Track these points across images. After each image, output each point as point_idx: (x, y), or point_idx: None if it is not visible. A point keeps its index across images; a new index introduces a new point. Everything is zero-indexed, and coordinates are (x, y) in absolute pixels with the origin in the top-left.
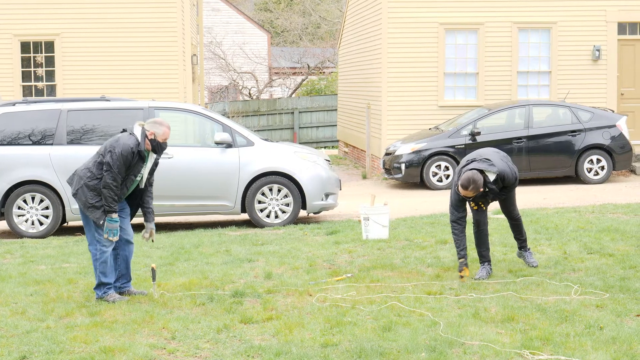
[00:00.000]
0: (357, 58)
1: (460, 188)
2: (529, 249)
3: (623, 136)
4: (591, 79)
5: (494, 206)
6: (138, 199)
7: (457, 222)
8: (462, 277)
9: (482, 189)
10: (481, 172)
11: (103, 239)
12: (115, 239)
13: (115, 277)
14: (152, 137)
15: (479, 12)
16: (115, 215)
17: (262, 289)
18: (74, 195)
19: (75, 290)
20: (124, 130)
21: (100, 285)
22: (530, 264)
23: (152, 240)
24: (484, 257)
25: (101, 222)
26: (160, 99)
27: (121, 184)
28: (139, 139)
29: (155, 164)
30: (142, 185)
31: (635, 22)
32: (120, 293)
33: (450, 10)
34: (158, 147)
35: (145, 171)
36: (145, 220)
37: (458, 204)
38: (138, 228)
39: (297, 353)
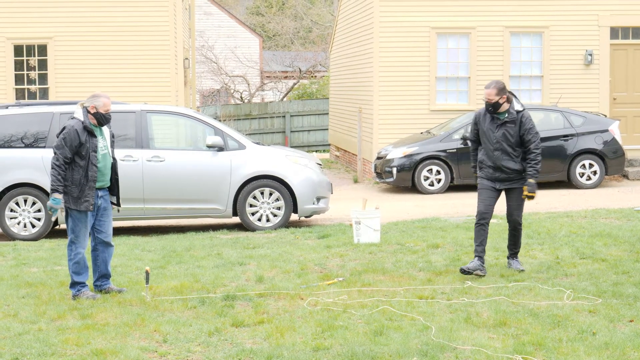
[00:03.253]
0: (349, 62)
1: (485, 89)
2: (517, 258)
3: (615, 141)
4: (583, 83)
5: None
6: (114, 173)
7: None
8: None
9: (504, 97)
10: (512, 94)
11: (77, 240)
12: (54, 218)
13: (95, 277)
14: (94, 110)
15: (470, 17)
16: (57, 196)
17: (254, 292)
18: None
19: (67, 292)
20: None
21: (74, 284)
22: (517, 268)
23: (118, 210)
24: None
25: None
26: (152, 102)
27: (87, 164)
28: (81, 117)
29: (112, 136)
30: (112, 158)
31: (628, 26)
32: (101, 291)
33: (442, 15)
34: (102, 119)
35: (107, 144)
36: (119, 189)
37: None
38: (129, 232)
39: (288, 357)
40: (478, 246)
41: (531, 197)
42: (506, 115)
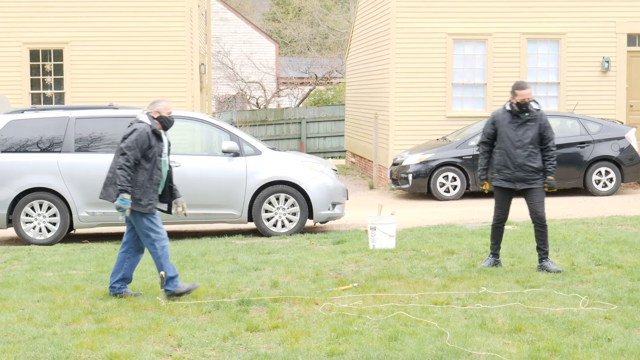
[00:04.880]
0: (365, 68)
1: (515, 89)
2: (549, 259)
3: (632, 148)
4: (600, 90)
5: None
6: (168, 180)
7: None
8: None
9: (529, 99)
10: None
11: (158, 236)
12: (122, 218)
13: (115, 279)
14: (157, 115)
15: (487, 23)
16: (126, 196)
17: (269, 297)
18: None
19: (82, 297)
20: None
21: (169, 280)
22: (555, 270)
23: (185, 214)
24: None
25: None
26: None
27: (153, 167)
28: (149, 122)
29: (169, 144)
30: (168, 166)
31: None
32: (116, 295)
33: (459, 21)
34: (167, 122)
35: (166, 151)
36: (175, 196)
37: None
38: None
39: None
40: (494, 244)
41: (552, 191)
42: (527, 114)
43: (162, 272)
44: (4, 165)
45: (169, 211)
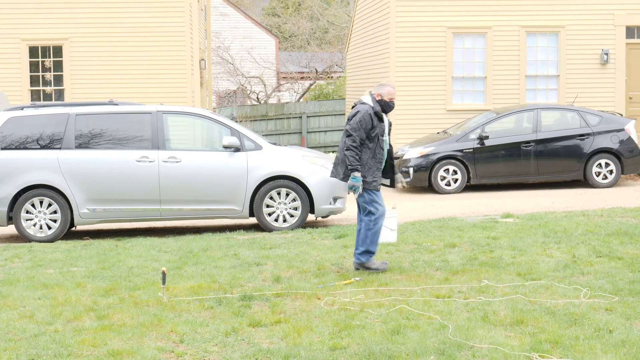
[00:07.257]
0: (365, 62)
1: None
2: None
3: (632, 140)
4: (599, 82)
5: (503, 209)
6: (389, 158)
7: None
8: None
9: None
10: None
11: (378, 212)
12: (356, 195)
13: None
14: (379, 98)
15: (487, 16)
16: (357, 174)
17: (271, 292)
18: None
19: (83, 293)
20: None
21: (366, 253)
22: None
23: (403, 185)
24: None
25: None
26: (168, 103)
27: (375, 146)
28: (371, 103)
29: (390, 124)
30: (389, 145)
31: None
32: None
33: (458, 14)
34: (386, 106)
35: (386, 131)
36: (395, 172)
37: None
38: (146, 233)
39: (305, 356)
40: None
41: None
42: None
43: (164, 269)
44: (4, 163)
45: (392, 185)
